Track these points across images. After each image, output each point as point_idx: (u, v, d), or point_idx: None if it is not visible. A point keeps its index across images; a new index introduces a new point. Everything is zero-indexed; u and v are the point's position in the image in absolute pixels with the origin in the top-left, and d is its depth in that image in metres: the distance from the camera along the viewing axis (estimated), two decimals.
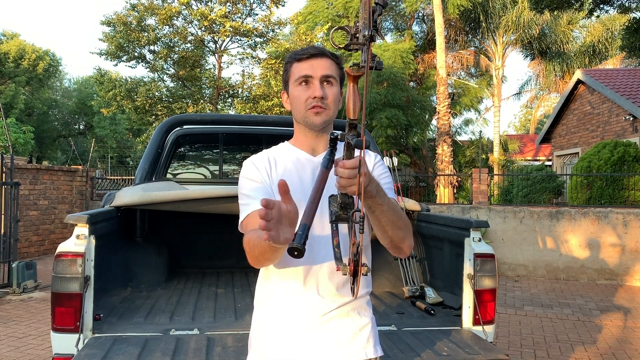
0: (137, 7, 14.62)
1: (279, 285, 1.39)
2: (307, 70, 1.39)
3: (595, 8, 11.64)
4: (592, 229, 8.40)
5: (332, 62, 1.42)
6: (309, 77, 1.39)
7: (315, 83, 1.38)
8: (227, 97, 16.81)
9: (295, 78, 1.41)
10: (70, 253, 2.35)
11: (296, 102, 1.41)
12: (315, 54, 1.40)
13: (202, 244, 4.27)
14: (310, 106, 1.38)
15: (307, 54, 1.41)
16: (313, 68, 1.39)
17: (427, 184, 18.16)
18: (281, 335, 1.38)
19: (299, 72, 1.40)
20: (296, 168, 1.43)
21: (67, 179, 10.67)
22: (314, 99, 1.37)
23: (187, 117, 4.53)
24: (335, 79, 1.41)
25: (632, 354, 4.71)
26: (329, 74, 1.39)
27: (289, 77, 1.44)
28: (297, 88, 1.40)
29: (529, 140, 27.17)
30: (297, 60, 1.41)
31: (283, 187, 1.06)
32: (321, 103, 1.38)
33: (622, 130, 13.15)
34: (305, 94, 1.39)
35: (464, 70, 23.26)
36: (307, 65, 1.39)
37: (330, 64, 1.41)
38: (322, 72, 1.39)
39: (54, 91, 35.42)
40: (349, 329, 1.39)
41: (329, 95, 1.39)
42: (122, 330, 2.50)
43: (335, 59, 1.43)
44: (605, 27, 20.49)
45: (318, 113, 1.39)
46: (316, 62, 1.39)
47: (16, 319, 5.49)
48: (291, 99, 1.44)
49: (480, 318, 2.61)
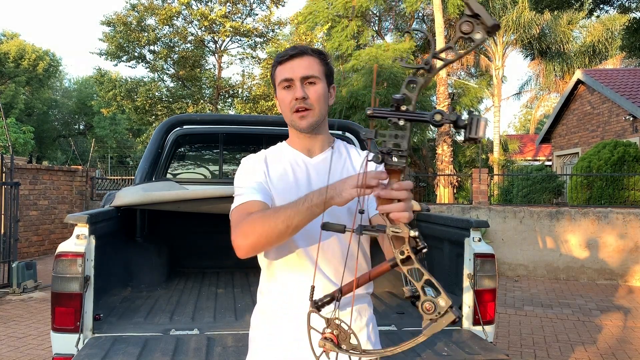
0: (137, 7, 14.63)
1: (281, 286, 1.39)
2: (287, 73, 1.37)
3: (595, 8, 11.64)
4: (592, 229, 8.40)
5: (314, 60, 1.39)
6: (290, 79, 1.37)
7: (296, 84, 1.36)
8: (227, 97, 16.82)
9: (278, 82, 1.40)
10: (70, 253, 2.35)
11: (282, 105, 1.41)
12: (295, 54, 1.38)
13: (202, 244, 4.27)
14: (294, 109, 1.37)
15: (287, 55, 1.39)
16: (293, 69, 1.37)
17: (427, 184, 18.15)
18: (282, 334, 1.38)
19: (281, 76, 1.39)
20: (292, 169, 1.42)
21: (67, 179, 10.67)
22: (296, 100, 1.36)
23: (187, 117, 4.53)
24: (317, 77, 1.38)
25: (632, 354, 4.71)
26: (309, 74, 1.37)
27: (274, 80, 1.43)
28: (282, 92, 1.39)
29: (529, 140, 27.18)
30: (279, 63, 1.40)
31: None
32: (304, 104, 1.36)
33: (622, 130, 13.15)
34: (288, 96, 1.38)
35: (464, 70, 23.27)
36: (287, 67, 1.38)
37: (312, 62, 1.38)
38: (302, 72, 1.36)
39: (54, 91, 35.41)
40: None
41: (310, 95, 1.36)
42: (122, 330, 2.50)
43: (319, 55, 1.41)
44: (605, 27, 20.49)
45: (303, 117, 1.37)
46: (296, 62, 1.37)
47: (16, 319, 5.49)
48: (278, 102, 1.43)
49: (480, 318, 2.61)
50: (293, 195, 1.35)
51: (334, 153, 1.45)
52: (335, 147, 1.47)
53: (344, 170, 1.43)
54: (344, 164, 1.45)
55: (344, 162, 1.45)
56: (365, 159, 1.05)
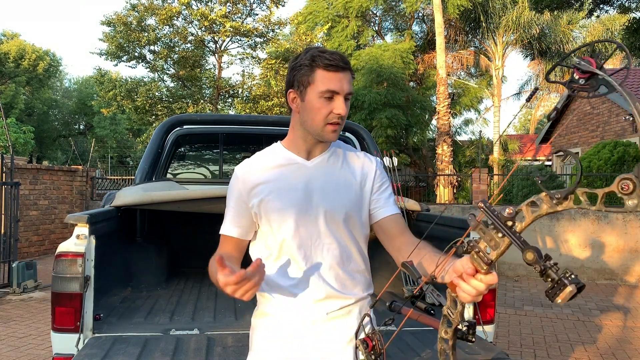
0: (137, 7, 14.62)
1: (282, 286, 1.39)
2: (335, 86, 1.30)
3: (595, 8, 11.64)
4: (592, 229, 8.40)
5: (350, 76, 1.35)
6: (336, 93, 1.31)
7: (341, 100, 1.31)
8: (227, 97, 16.81)
9: (319, 89, 1.30)
10: (70, 253, 2.35)
11: (315, 113, 1.32)
12: (344, 67, 1.32)
13: (202, 244, 4.25)
14: (330, 121, 1.32)
15: (337, 65, 1.30)
16: (341, 83, 1.31)
17: (427, 183, 18.16)
18: (283, 334, 1.39)
19: (325, 85, 1.30)
20: (288, 172, 1.39)
21: (67, 179, 10.67)
22: (336, 114, 1.32)
23: (187, 117, 4.53)
24: (352, 94, 1.36)
25: (632, 353, 4.71)
26: (351, 91, 1.34)
27: (309, 81, 1.32)
28: (320, 100, 1.31)
29: (528, 140, 27.18)
30: (325, 68, 1.30)
31: (258, 267, 1.14)
32: (341, 120, 1.34)
33: (622, 130, 13.16)
34: (327, 108, 1.31)
35: (464, 70, 23.27)
36: (335, 78, 1.30)
37: (350, 78, 1.34)
38: (348, 89, 1.32)
39: (54, 91, 35.41)
40: (351, 329, 1.39)
41: (346, 112, 1.34)
42: (122, 330, 2.50)
43: (351, 72, 1.37)
44: (605, 27, 20.49)
45: (335, 131, 1.34)
46: (343, 75, 1.32)
47: (16, 319, 5.49)
48: (308, 107, 1.33)
49: (480, 318, 2.61)
50: (286, 199, 1.36)
51: (331, 155, 1.44)
52: (332, 149, 1.45)
53: (342, 173, 1.42)
54: (342, 166, 1.44)
55: (342, 164, 1.44)
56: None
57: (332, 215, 1.37)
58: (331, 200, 1.37)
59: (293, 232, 1.35)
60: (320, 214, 1.36)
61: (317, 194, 1.37)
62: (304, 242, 1.36)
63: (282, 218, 1.35)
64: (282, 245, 1.37)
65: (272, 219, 1.36)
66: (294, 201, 1.36)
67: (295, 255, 1.36)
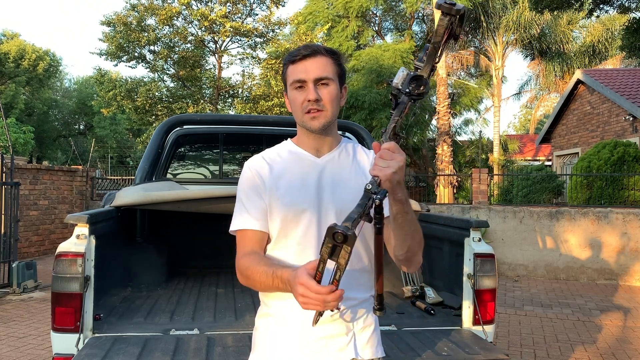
0: (137, 7, 14.62)
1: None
2: (301, 74, 1.35)
3: (595, 8, 11.64)
4: (592, 229, 8.40)
5: (327, 60, 1.37)
6: (303, 81, 1.35)
7: (310, 86, 1.35)
8: (227, 97, 16.81)
9: (290, 82, 1.38)
10: (70, 253, 2.35)
11: (294, 105, 1.39)
12: (308, 54, 1.36)
13: (202, 244, 4.27)
14: (306, 110, 1.36)
15: (300, 55, 1.36)
16: (306, 70, 1.35)
17: (427, 184, 18.15)
18: (284, 334, 1.38)
19: (293, 76, 1.37)
20: (298, 169, 1.41)
21: (67, 179, 10.67)
22: (309, 102, 1.35)
23: (187, 117, 4.54)
24: (330, 78, 1.36)
25: (632, 353, 4.71)
26: (323, 75, 1.35)
27: (286, 79, 1.41)
28: (293, 92, 1.38)
29: (528, 140, 27.17)
30: (292, 62, 1.37)
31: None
32: (317, 105, 1.35)
33: (622, 130, 13.15)
34: (300, 97, 1.36)
35: (464, 70, 23.27)
36: (301, 67, 1.36)
37: (326, 63, 1.37)
38: (315, 74, 1.35)
39: (54, 91, 35.41)
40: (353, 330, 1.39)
41: (323, 96, 1.35)
42: (122, 330, 2.50)
43: (332, 55, 1.39)
44: (605, 27, 20.48)
45: (315, 117, 1.36)
46: (309, 63, 1.35)
47: (16, 319, 5.49)
48: (290, 102, 1.41)
49: (480, 318, 2.61)
50: (298, 195, 1.36)
51: (342, 152, 1.45)
52: (342, 147, 1.47)
53: (352, 169, 1.43)
54: (352, 163, 1.45)
55: (352, 161, 1.45)
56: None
57: (343, 212, 1.36)
58: (341, 197, 1.37)
59: (303, 229, 1.35)
60: (330, 210, 1.36)
61: (328, 191, 1.38)
62: (313, 239, 1.35)
63: (292, 214, 1.35)
64: (290, 242, 1.36)
65: (283, 214, 1.36)
66: (305, 197, 1.36)
67: (304, 252, 1.35)
